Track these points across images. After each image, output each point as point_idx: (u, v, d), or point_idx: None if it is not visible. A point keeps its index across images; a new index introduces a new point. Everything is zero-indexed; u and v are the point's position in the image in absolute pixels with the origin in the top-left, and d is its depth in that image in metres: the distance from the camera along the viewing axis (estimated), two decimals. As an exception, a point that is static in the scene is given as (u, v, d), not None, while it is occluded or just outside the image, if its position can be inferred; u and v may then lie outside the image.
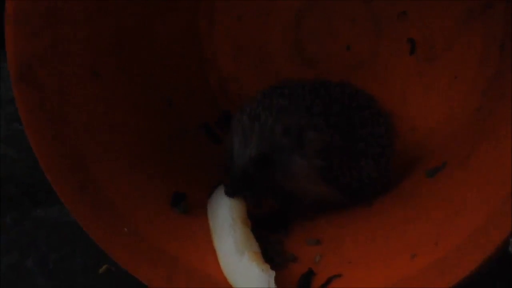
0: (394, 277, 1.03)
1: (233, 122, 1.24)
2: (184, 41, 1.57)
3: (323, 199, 1.29)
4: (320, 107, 1.24)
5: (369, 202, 1.32)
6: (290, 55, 1.54)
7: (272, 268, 1.10)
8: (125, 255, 1.13)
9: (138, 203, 1.22)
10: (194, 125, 1.50)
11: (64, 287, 1.24)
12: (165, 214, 1.24)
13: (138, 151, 1.31)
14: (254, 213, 1.24)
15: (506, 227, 0.91)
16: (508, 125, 1.08)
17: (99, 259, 1.26)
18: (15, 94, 1.09)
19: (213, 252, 1.17)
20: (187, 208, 1.26)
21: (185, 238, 1.21)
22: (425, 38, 1.44)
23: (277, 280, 1.07)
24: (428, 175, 1.30)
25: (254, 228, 1.19)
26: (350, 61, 1.50)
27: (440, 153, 1.37)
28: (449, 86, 1.42)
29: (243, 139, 1.19)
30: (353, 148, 1.27)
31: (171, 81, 1.49)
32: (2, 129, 1.53)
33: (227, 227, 1.17)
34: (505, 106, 1.15)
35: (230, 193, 1.19)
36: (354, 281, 1.09)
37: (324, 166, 1.22)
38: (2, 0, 1.10)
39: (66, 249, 1.33)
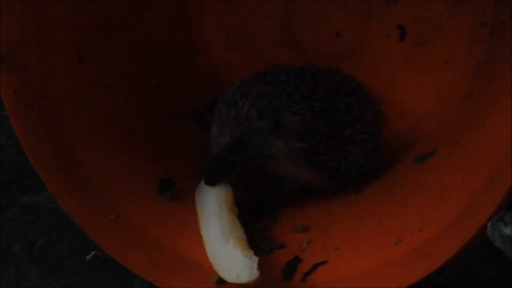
0: (377, 262, 1.04)
1: (215, 110, 1.24)
2: (174, 26, 1.54)
3: (311, 184, 1.29)
4: (305, 92, 1.24)
5: (358, 188, 1.32)
6: (280, 41, 1.52)
7: (258, 255, 1.10)
8: (111, 241, 1.13)
9: (125, 189, 1.22)
10: (184, 111, 1.49)
11: (50, 272, 1.24)
12: (152, 200, 1.24)
13: (126, 136, 1.30)
14: (242, 200, 1.25)
15: (487, 210, 0.91)
16: (496, 110, 1.08)
17: (86, 245, 1.26)
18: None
19: (199, 238, 1.17)
20: (174, 194, 1.26)
21: (172, 225, 1.21)
22: (415, 24, 1.41)
23: (262, 267, 1.07)
24: (418, 161, 1.30)
25: (241, 215, 1.19)
26: (340, 48, 1.48)
27: (430, 139, 1.36)
28: (438, 71, 1.40)
29: (219, 127, 1.19)
30: (340, 133, 1.27)
31: (160, 66, 1.47)
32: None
33: (213, 214, 1.18)
34: (495, 91, 1.14)
35: (208, 182, 1.19)
36: (339, 267, 1.10)
37: (305, 148, 1.22)
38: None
39: (53, 235, 1.33)
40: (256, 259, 1.06)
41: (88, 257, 1.26)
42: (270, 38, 1.53)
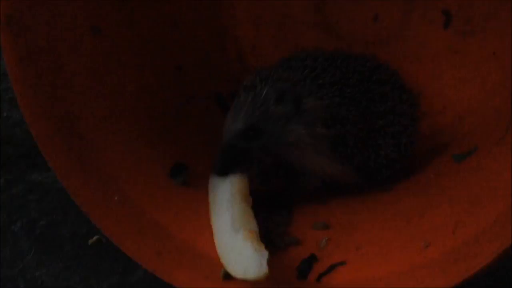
0: (402, 266, 0.94)
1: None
2: (201, 6, 1.48)
3: (337, 179, 1.20)
4: (334, 77, 1.15)
5: (388, 186, 1.23)
6: (312, 24, 1.45)
7: (272, 250, 1.02)
8: (111, 223, 1.06)
9: (133, 170, 1.15)
10: (205, 94, 1.42)
11: (49, 254, 1.19)
12: (162, 185, 1.17)
13: (139, 116, 1.23)
14: (259, 190, 1.16)
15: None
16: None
17: (90, 229, 1.20)
18: (2, 42, 1.02)
19: (208, 228, 1.10)
20: (187, 180, 1.19)
21: (180, 212, 1.14)
22: (462, 10, 1.33)
23: (274, 263, 0.98)
24: (456, 160, 1.20)
25: (257, 206, 1.11)
26: (377, 33, 1.41)
27: (471, 136, 1.27)
28: (486, 63, 1.31)
29: (235, 112, 1.12)
30: (371, 124, 1.18)
31: (183, 47, 1.41)
32: (8, 92, 1.47)
33: (225, 203, 1.10)
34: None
35: (218, 171, 1.11)
36: (358, 269, 1.01)
37: (332, 137, 1.12)
38: None
39: (57, 215, 1.28)
40: (266, 253, 0.97)
41: (90, 241, 1.21)
42: (301, 21, 1.46)
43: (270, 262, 0.97)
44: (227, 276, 1.01)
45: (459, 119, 1.33)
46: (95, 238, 1.21)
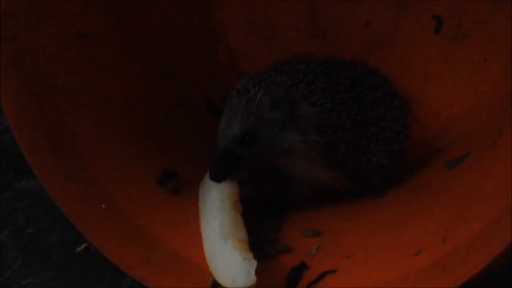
0: (392, 275, 0.92)
1: (227, 100, 1.15)
2: (192, 10, 1.47)
3: (328, 185, 1.18)
4: (326, 83, 1.14)
5: (380, 193, 1.22)
6: (304, 30, 1.44)
7: (261, 258, 1.01)
8: (99, 232, 1.05)
9: (122, 177, 1.14)
10: (197, 100, 1.40)
11: (36, 263, 1.17)
12: (151, 192, 1.16)
13: (129, 121, 1.22)
14: (249, 197, 1.15)
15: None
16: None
17: (78, 237, 1.17)
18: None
19: (198, 236, 1.08)
20: (176, 187, 1.18)
21: (169, 219, 1.13)
22: (453, 15, 1.31)
23: (264, 271, 0.98)
24: (448, 166, 1.19)
25: (247, 214, 1.10)
26: (369, 39, 1.39)
27: (463, 142, 1.25)
28: (477, 68, 1.29)
29: (228, 117, 1.10)
30: (363, 130, 1.17)
31: (173, 52, 1.40)
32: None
33: (215, 210, 1.09)
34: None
35: (214, 177, 1.09)
36: (349, 278, 0.99)
37: (325, 144, 1.11)
38: None
39: (44, 223, 1.26)
40: (254, 263, 0.96)
41: (78, 249, 1.19)
42: (293, 26, 1.45)
43: (259, 271, 0.96)
44: (216, 285, 1.00)
45: (451, 124, 1.32)
46: (83, 246, 1.19)
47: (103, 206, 1.07)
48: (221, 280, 0.98)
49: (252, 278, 0.93)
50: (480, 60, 1.28)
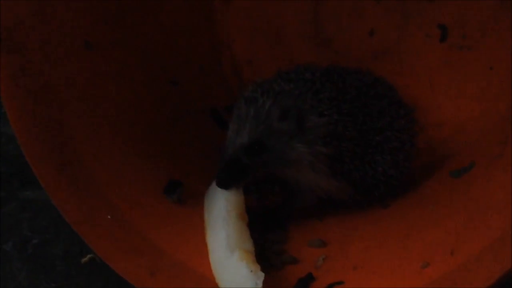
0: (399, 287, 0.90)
1: (234, 108, 1.14)
2: (196, 20, 1.47)
3: (333, 195, 1.18)
4: (332, 92, 1.14)
5: (385, 203, 1.22)
6: (308, 38, 1.44)
7: (268, 269, 1.00)
8: (104, 242, 1.04)
9: (127, 188, 1.13)
10: (201, 109, 1.40)
11: (41, 274, 1.17)
12: (156, 202, 1.15)
13: (134, 132, 1.22)
14: (255, 207, 1.15)
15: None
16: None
17: (83, 247, 1.15)
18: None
19: (204, 246, 1.08)
20: (181, 197, 1.17)
21: (174, 230, 1.12)
22: (458, 24, 1.32)
23: (270, 283, 0.97)
24: (453, 175, 1.18)
25: (252, 224, 1.09)
26: (373, 47, 1.39)
27: (468, 152, 1.25)
28: (482, 77, 1.29)
29: (237, 125, 1.10)
30: (368, 140, 1.16)
31: (178, 62, 1.40)
32: (2, 107, 1.46)
33: (220, 221, 1.08)
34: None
35: (221, 185, 1.08)
36: None
37: (331, 155, 1.11)
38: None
39: (49, 233, 1.26)
40: (262, 275, 0.96)
41: (83, 260, 1.18)
42: (297, 35, 1.45)
43: (265, 282, 0.95)
44: (221, 296, 0.99)
45: (457, 133, 1.32)
46: (88, 257, 1.18)
47: (109, 216, 1.06)
48: (227, 291, 0.98)
49: (259, 291, 0.93)
50: (486, 69, 1.29)
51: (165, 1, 1.35)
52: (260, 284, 0.93)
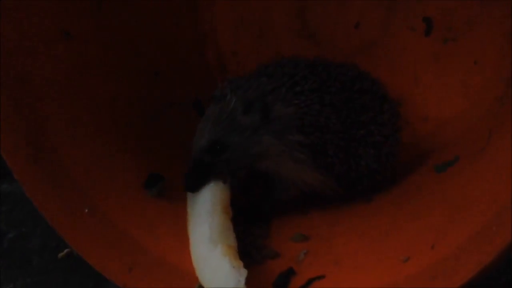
0: (380, 282, 0.91)
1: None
2: (179, 11, 1.44)
3: (316, 189, 1.17)
4: (314, 84, 1.12)
5: (369, 197, 1.21)
6: (293, 31, 1.42)
7: (248, 264, 0.98)
8: (81, 237, 1.02)
9: (105, 181, 1.11)
10: (184, 101, 1.38)
11: (17, 269, 1.14)
12: (136, 196, 1.13)
13: (113, 123, 1.19)
14: (239, 201, 1.13)
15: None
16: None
17: (60, 242, 1.13)
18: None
19: (185, 241, 1.06)
20: (162, 191, 1.15)
21: (154, 224, 1.11)
22: (443, 18, 1.30)
23: (250, 277, 0.95)
24: (438, 170, 1.17)
25: (236, 218, 1.07)
26: (358, 40, 1.38)
27: (453, 146, 1.24)
28: (467, 72, 1.28)
29: (203, 126, 1.09)
30: (352, 134, 1.15)
31: (161, 53, 1.37)
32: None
33: (204, 213, 1.06)
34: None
35: (189, 189, 1.07)
36: (336, 284, 0.97)
37: (310, 144, 1.09)
38: None
39: (26, 227, 1.23)
40: (245, 272, 0.94)
41: (60, 254, 1.17)
42: (282, 27, 1.43)
43: (246, 277, 0.93)
44: (201, 291, 0.98)
45: (441, 127, 1.31)
46: (65, 251, 1.16)
47: (86, 210, 1.05)
48: (208, 286, 0.96)
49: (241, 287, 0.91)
50: (470, 63, 1.28)
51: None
52: (243, 282, 0.92)
